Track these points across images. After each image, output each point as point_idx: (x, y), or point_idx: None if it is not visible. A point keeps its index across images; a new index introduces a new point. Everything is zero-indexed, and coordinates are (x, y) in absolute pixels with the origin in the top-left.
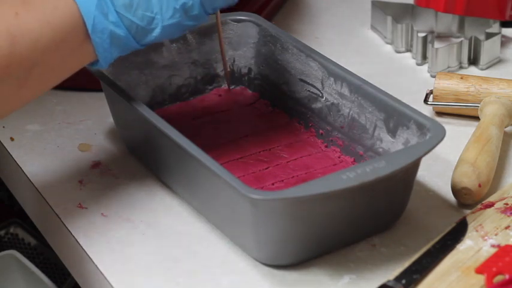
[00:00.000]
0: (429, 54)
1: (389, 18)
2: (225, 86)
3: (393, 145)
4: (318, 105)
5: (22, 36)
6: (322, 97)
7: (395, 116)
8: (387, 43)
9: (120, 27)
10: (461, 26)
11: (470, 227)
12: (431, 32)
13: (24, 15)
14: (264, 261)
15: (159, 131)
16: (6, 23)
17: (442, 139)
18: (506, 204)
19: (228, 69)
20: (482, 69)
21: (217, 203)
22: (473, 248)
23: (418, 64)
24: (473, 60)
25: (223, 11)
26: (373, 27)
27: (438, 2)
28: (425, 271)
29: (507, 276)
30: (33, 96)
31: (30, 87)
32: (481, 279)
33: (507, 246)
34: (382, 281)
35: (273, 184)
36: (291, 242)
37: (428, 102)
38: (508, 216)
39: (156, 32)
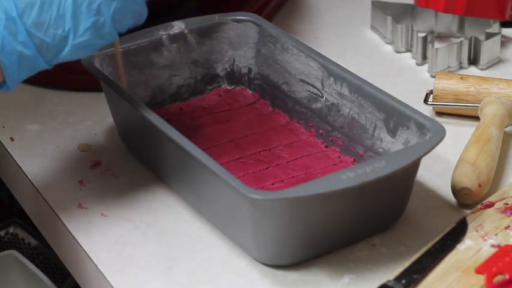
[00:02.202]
0: (429, 54)
1: (389, 18)
2: (225, 86)
3: (393, 145)
4: (318, 105)
5: None
6: (322, 97)
7: (395, 116)
8: (387, 43)
9: (30, 47)
10: (461, 26)
11: (470, 227)
12: (431, 32)
13: None
14: (264, 261)
15: (159, 131)
16: None
17: (442, 139)
18: (506, 204)
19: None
20: (482, 69)
21: (217, 203)
22: (473, 248)
23: (418, 64)
24: (473, 60)
25: (223, 11)
26: (373, 27)
27: (438, 2)
28: (425, 271)
29: (507, 276)
30: None
31: None
32: (481, 279)
33: (507, 246)
34: (382, 281)
35: (273, 184)
36: (291, 242)
37: (428, 102)
38: (508, 216)
39: (66, 51)
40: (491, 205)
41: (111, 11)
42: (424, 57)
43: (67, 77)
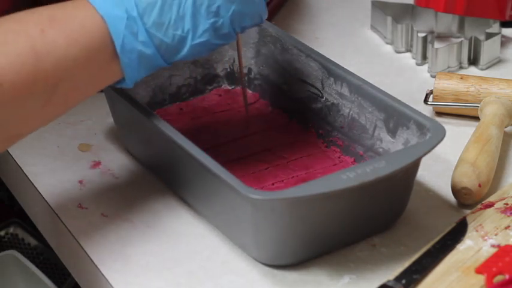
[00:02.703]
0: (429, 54)
1: (389, 18)
2: (225, 86)
3: (393, 145)
4: (318, 105)
5: (47, 53)
6: (322, 97)
7: (396, 116)
8: (387, 43)
9: (150, 47)
10: (461, 26)
11: (470, 227)
12: (431, 32)
13: (50, 32)
14: (264, 261)
15: (159, 131)
16: (32, 40)
17: (442, 139)
18: (506, 204)
19: (245, 85)
20: (482, 69)
21: (217, 203)
22: (473, 248)
23: (418, 64)
24: (473, 60)
25: None
26: (373, 27)
27: (438, 2)
28: (425, 271)
29: (507, 276)
30: (57, 114)
31: (54, 104)
32: (481, 279)
33: (507, 246)
34: (382, 281)
35: (273, 184)
36: (291, 242)
37: (428, 102)
38: (508, 216)
39: (185, 51)
40: (491, 205)
41: (229, 13)
42: (424, 57)
43: None
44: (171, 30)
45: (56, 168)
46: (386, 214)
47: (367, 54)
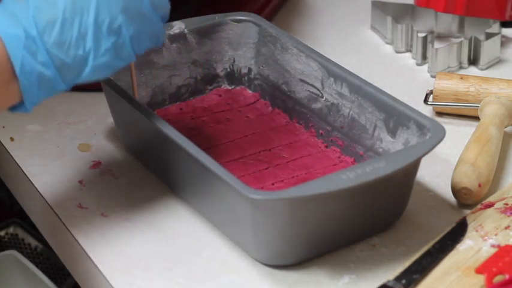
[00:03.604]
0: (429, 54)
1: (389, 18)
2: (225, 86)
3: (393, 145)
4: (318, 105)
5: None
6: (322, 97)
7: (395, 116)
8: (387, 43)
9: (50, 68)
10: (461, 26)
11: (470, 227)
12: (431, 32)
13: None
14: (264, 261)
15: (159, 131)
16: None
17: (442, 139)
18: (506, 204)
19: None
20: (482, 69)
21: (217, 203)
22: (473, 248)
23: (418, 64)
24: (473, 60)
25: (223, 11)
26: (373, 27)
27: (438, 2)
28: (425, 271)
29: (507, 276)
30: None
31: None
32: (481, 279)
33: (507, 246)
34: (382, 281)
35: (273, 184)
36: (291, 242)
37: (428, 102)
38: (508, 216)
39: (86, 72)
40: (491, 205)
41: (130, 32)
42: (424, 57)
43: None
44: (72, 49)
45: (56, 168)
46: (387, 214)
47: (367, 54)
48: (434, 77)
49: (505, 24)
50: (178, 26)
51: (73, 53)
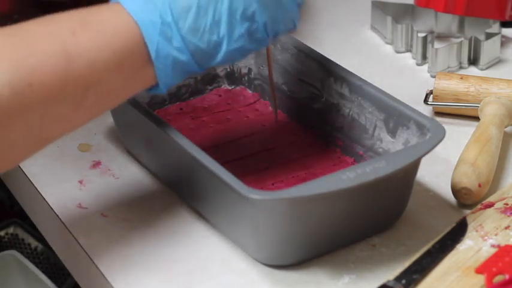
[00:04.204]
0: (429, 54)
1: (389, 18)
2: (225, 86)
3: (393, 145)
4: (318, 105)
5: (79, 55)
6: (322, 97)
7: (395, 116)
8: (387, 43)
9: (184, 53)
10: (461, 26)
11: (470, 227)
12: (431, 32)
13: (82, 35)
14: (264, 261)
15: (159, 131)
16: (63, 42)
17: (442, 139)
18: (506, 204)
19: (275, 95)
20: (482, 69)
21: (217, 203)
22: (473, 248)
23: (418, 64)
24: (473, 60)
25: None
26: (373, 27)
27: (438, 2)
28: (425, 271)
29: (507, 276)
30: (87, 119)
31: (85, 109)
32: (481, 279)
33: (507, 246)
34: (382, 281)
35: (273, 184)
36: (291, 242)
37: (428, 103)
38: (508, 216)
39: (220, 56)
40: (491, 205)
41: (264, 18)
42: (424, 57)
43: None
44: (206, 35)
45: (56, 168)
46: (387, 214)
47: (367, 54)
48: (434, 77)
49: (505, 24)
50: None
51: (207, 39)
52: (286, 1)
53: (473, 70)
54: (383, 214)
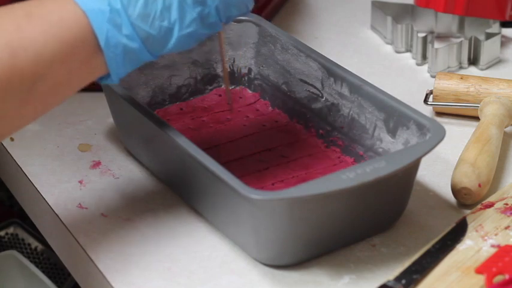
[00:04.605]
0: (429, 54)
1: (389, 18)
2: (225, 86)
3: (393, 145)
4: (318, 105)
5: (24, 49)
6: (322, 97)
7: (395, 116)
8: (387, 43)
9: (135, 40)
10: (461, 26)
11: (470, 227)
12: (431, 32)
13: (27, 28)
14: (264, 261)
15: (159, 131)
16: (7, 36)
17: (442, 139)
18: (506, 204)
19: (227, 74)
20: (482, 70)
21: (217, 203)
22: (473, 248)
23: (418, 64)
24: (473, 61)
25: None
26: (373, 27)
27: (438, 2)
28: (425, 271)
29: (507, 276)
30: (38, 113)
31: (34, 103)
32: (481, 279)
33: (507, 246)
34: (382, 281)
35: (273, 184)
36: (291, 242)
37: (428, 103)
38: (508, 216)
39: (172, 43)
40: (491, 205)
41: (216, 2)
42: (424, 57)
43: None
44: (157, 21)
45: (56, 168)
46: (387, 214)
47: (367, 54)
48: (434, 77)
49: (505, 24)
50: None
51: (158, 25)
52: None
53: (473, 70)
54: (383, 214)
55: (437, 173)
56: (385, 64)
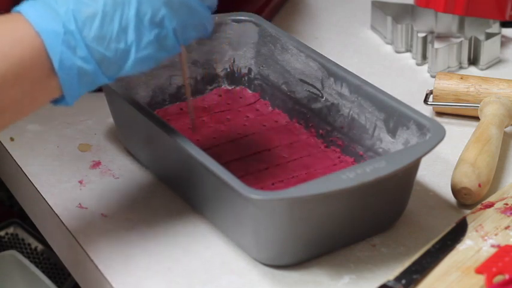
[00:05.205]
0: (429, 54)
1: (389, 19)
2: (225, 86)
3: (393, 145)
4: (318, 105)
5: None
6: (322, 97)
7: (395, 116)
8: (387, 43)
9: (90, 63)
10: (461, 26)
11: (470, 227)
12: (431, 32)
13: None
14: (264, 261)
15: (159, 131)
16: None
17: (442, 139)
18: (506, 204)
19: (188, 84)
20: (482, 70)
21: (217, 203)
22: (473, 248)
23: (418, 64)
24: (473, 61)
25: (223, 11)
26: (373, 27)
27: (438, 2)
28: (425, 271)
29: (507, 276)
30: None
31: None
32: (481, 279)
33: (507, 246)
34: (382, 281)
35: (273, 184)
36: (291, 242)
37: (428, 103)
38: (508, 216)
39: (128, 65)
40: (491, 205)
41: (173, 24)
42: (424, 57)
43: None
44: (113, 43)
45: (56, 168)
46: (386, 214)
47: (367, 54)
48: (434, 77)
49: (505, 24)
50: None
51: (114, 47)
52: (196, 5)
53: (473, 70)
54: (383, 214)
55: (437, 173)
56: (385, 64)
